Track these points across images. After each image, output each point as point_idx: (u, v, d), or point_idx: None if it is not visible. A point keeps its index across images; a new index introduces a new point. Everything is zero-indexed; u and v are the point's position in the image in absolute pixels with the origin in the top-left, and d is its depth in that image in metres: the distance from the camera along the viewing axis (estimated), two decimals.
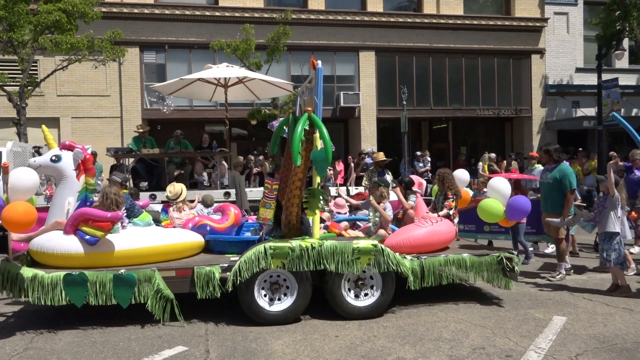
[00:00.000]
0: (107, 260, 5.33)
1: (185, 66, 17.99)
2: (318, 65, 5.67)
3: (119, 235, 5.54)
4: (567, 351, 4.55)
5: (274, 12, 17.77)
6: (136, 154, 10.87)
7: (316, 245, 5.32)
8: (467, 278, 6.03)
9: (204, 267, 5.31)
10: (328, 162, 5.35)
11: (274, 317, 5.32)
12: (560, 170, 7.14)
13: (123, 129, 17.71)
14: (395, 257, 5.53)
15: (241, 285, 5.23)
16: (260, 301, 5.32)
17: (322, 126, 5.40)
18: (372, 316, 5.50)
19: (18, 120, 13.04)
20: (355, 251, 5.38)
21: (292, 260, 5.25)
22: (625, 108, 20.62)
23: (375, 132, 19.68)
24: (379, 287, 5.56)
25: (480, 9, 21.24)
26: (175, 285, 5.28)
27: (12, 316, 5.72)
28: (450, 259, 5.83)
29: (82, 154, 5.82)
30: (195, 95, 12.22)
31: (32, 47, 12.98)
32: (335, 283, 5.43)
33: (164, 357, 4.52)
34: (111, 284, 5.09)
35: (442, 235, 6.29)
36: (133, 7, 17.72)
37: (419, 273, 5.67)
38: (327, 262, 5.31)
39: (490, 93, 20.79)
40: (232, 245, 6.08)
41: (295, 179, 5.57)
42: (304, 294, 5.38)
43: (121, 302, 5.15)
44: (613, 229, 6.32)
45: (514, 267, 5.92)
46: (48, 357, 4.53)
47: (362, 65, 19.57)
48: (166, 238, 5.82)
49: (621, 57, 19.73)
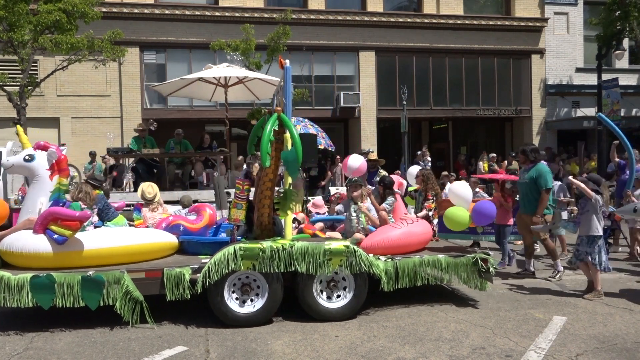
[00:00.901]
0: (77, 260, 5.25)
1: (185, 66, 17.99)
2: (286, 65, 5.64)
3: (89, 235, 5.46)
4: (567, 351, 4.55)
5: (274, 12, 17.76)
6: (136, 154, 10.87)
7: (287, 246, 5.25)
8: (443, 279, 5.97)
9: (173, 269, 5.22)
10: (299, 163, 5.31)
11: (245, 319, 5.25)
12: (537, 170, 7.04)
13: (123, 129, 17.71)
14: (368, 258, 5.46)
15: (211, 287, 5.16)
16: (230, 303, 5.25)
17: (292, 126, 5.36)
18: (343, 318, 5.42)
19: (18, 120, 13.03)
20: (327, 252, 5.31)
21: (263, 262, 5.18)
22: (625, 108, 20.62)
23: (375, 132, 19.68)
24: (351, 288, 5.48)
25: (480, 9, 21.24)
26: (145, 287, 5.19)
27: (12, 316, 5.71)
28: (425, 260, 5.77)
29: (57, 154, 5.79)
30: (195, 95, 12.23)
31: (32, 47, 12.98)
32: (306, 284, 5.36)
33: (164, 357, 4.52)
34: (79, 286, 5.02)
35: (419, 236, 6.21)
36: (133, 7, 17.72)
37: (393, 274, 5.61)
38: (298, 264, 5.24)
39: (490, 93, 20.79)
40: (206, 247, 5.93)
41: (265, 180, 5.53)
42: (275, 296, 5.30)
43: (89, 304, 5.08)
44: (596, 232, 6.24)
45: (489, 268, 5.86)
46: (48, 357, 4.53)
47: (362, 65, 19.57)
48: (138, 238, 5.71)
49: (621, 57, 19.75)
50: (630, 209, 6.38)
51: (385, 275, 5.57)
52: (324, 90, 19.54)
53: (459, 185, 7.09)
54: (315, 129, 12.18)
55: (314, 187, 15.00)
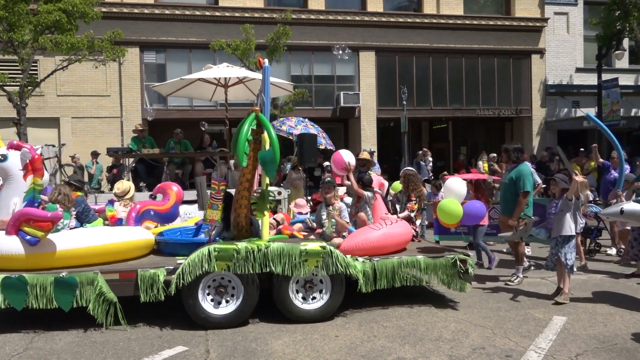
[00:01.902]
0: (50, 261, 5.20)
1: (185, 66, 17.98)
2: (265, 64, 5.62)
3: (62, 235, 5.40)
4: (567, 351, 4.55)
5: (274, 12, 17.77)
6: (136, 154, 10.87)
7: (262, 247, 5.21)
8: (422, 280, 5.90)
9: (148, 270, 5.16)
10: (276, 163, 5.28)
11: (219, 321, 5.20)
12: (518, 171, 6.80)
13: (123, 129, 17.71)
14: (345, 259, 5.41)
15: (185, 288, 5.11)
16: (205, 304, 5.19)
17: (270, 126, 5.32)
18: (320, 320, 5.38)
19: (18, 120, 13.04)
20: (302, 253, 5.25)
21: (237, 263, 5.12)
22: (625, 108, 20.61)
23: (375, 132, 19.68)
24: (328, 290, 5.44)
25: (480, 9, 21.24)
26: (119, 288, 5.14)
27: (12, 316, 5.71)
28: (404, 261, 5.72)
29: (30, 154, 5.74)
30: (195, 95, 12.22)
31: (32, 47, 12.97)
32: (282, 286, 5.31)
33: (164, 357, 4.52)
34: (52, 287, 4.99)
35: (398, 237, 6.14)
36: (133, 7, 17.72)
37: (372, 275, 5.57)
38: (274, 265, 5.19)
39: (490, 93, 20.78)
40: (183, 248, 5.82)
41: (242, 180, 5.50)
42: (251, 297, 5.25)
43: (62, 305, 5.04)
44: (569, 232, 6.12)
45: (467, 269, 5.82)
46: (48, 357, 4.53)
47: (362, 65, 19.57)
48: (112, 237, 5.63)
49: (621, 57, 19.75)
50: (617, 210, 5.98)
51: (363, 277, 5.52)
52: (324, 90, 19.54)
53: (453, 182, 7.02)
54: (316, 129, 12.20)
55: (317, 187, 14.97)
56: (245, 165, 5.36)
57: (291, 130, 11.88)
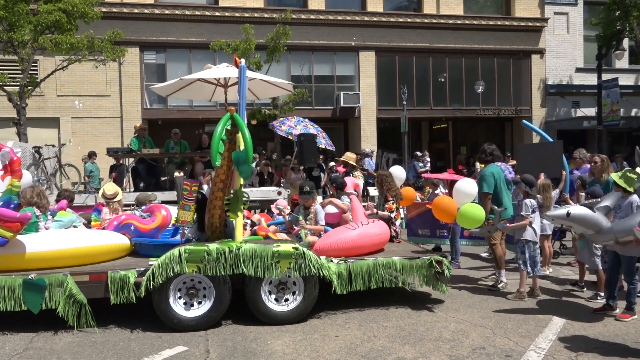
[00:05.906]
0: (19, 263, 5.11)
1: (185, 66, 18.00)
2: (241, 64, 5.58)
3: (33, 237, 5.31)
4: (567, 351, 4.55)
5: (274, 12, 17.76)
6: (136, 154, 10.87)
7: (234, 248, 5.15)
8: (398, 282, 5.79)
9: (118, 272, 5.09)
10: (249, 163, 5.23)
11: (190, 323, 5.13)
12: (482, 172, 6.75)
13: (123, 129, 17.72)
14: (318, 260, 5.34)
15: (155, 290, 5.04)
16: (175, 306, 5.13)
17: (244, 126, 5.27)
18: (293, 321, 5.33)
19: (18, 120, 13.04)
20: (275, 254, 5.20)
21: (208, 264, 5.06)
22: (625, 108, 20.63)
23: (375, 132, 19.68)
24: (301, 291, 5.38)
25: (480, 9, 21.25)
26: (89, 290, 5.06)
27: (12, 316, 5.71)
28: (380, 262, 5.64)
29: (9, 155, 5.71)
30: (195, 96, 12.19)
31: (32, 47, 12.97)
32: (254, 287, 5.25)
33: (164, 357, 4.52)
34: (21, 289, 4.91)
35: (375, 238, 6.07)
36: (133, 7, 17.73)
37: (346, 276, 5.51)
38: (245, 266, 5.12)
39: (490, 93, 20.78)
40: (157, 249, 5.71)
41: (216, 180, 5.46)
42: (222, 299, 5.18)
43: (31, 307, 4.95)
44: (529, 237, 6.19)
45: (443, 271, 5.78)
46: (48, 357, 4.53)
47: (362, 65, 19.57)
48: (85, 240, 5.53)
49: (621, 57, 19.77)
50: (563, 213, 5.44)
51: (338, 278, 5.46)
52: (324, 90, 19.55)
53: (464, 183, 6.99)
54: (316, 129, 12.19)
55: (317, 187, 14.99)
56: (220, 165, 5.32)
57: (291, 130, 11.88)
